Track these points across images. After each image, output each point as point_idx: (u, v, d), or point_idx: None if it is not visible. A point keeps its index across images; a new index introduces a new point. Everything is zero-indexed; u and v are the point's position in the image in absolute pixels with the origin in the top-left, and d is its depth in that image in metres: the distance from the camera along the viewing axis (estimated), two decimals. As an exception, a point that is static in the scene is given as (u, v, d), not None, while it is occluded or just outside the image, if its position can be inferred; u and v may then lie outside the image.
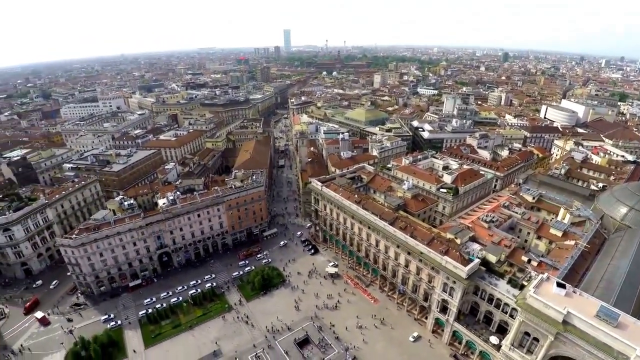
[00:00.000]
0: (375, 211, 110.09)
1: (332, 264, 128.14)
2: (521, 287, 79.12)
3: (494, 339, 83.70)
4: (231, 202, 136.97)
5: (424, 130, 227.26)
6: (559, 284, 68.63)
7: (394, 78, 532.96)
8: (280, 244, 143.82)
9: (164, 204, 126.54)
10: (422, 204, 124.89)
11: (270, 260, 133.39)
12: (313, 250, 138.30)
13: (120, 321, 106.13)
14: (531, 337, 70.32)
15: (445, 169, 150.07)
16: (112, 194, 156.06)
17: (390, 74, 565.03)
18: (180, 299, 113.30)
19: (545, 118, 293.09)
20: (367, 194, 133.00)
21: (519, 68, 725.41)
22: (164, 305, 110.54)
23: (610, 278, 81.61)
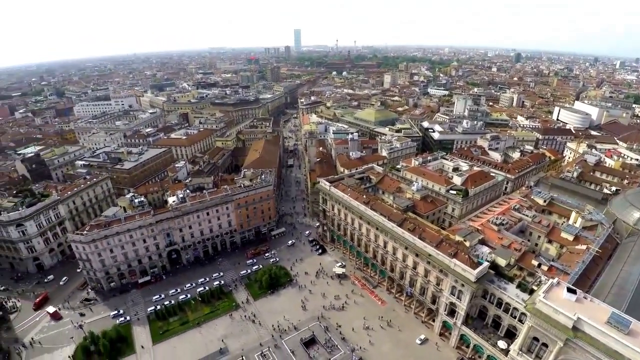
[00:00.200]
0: (384, 212, 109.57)
1: (340, 264, 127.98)
2: (531, 292, 78.24)
3: (502, 344, 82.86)
4: (240, 201, 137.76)
5: (434, 131, 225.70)
6: (570, 289, 67.57)
7: (404, 78, 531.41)
8: (288, 243, 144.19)
9: (174, 201, 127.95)
10: (431, 206, 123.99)
11: (277, 259, 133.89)
12: (321, 251, 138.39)
13: (129, 317, 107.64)
14: (540, 343, 69.42)
15: (455, 170, 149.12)
16: (123, 191, 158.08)
17: (400, 74, 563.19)
18: (189, 296, 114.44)
19: (557, 120, 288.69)
20: (376, 195, 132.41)
21: (531, 69, 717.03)
22: (172, 302, 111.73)
23: (622, 284, 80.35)
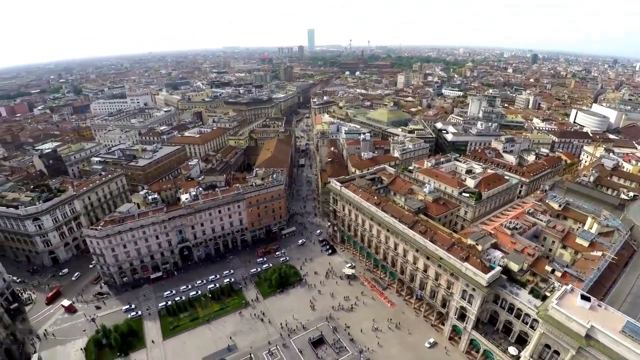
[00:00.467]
0: (395, 214, 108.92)
1: (349, 265, 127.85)
2: (543, 298, 76.90)
3: (512, 350, 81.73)
4: (251, 200, 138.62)
5: (447, 132, 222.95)
6: (584, 297, 66.27)
7: (418, 79, 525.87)
8: (298, 242, 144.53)
9: (187, 199, 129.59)
10: (444, 208, 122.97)
11: (287, 258, 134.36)
12: (330, 251, 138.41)
13: (140, 312, 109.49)
14: (551, 350, 68.17)
15: (469, 172, 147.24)
16: (137, 187, 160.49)
17: (414, 75, 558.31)
18: (199, 292, 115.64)
19: (574, 123, 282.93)
20: (387, 196, 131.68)
21: (548, 70, 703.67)
22: (183, 298, 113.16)
23: (637, 292, 78.86)
